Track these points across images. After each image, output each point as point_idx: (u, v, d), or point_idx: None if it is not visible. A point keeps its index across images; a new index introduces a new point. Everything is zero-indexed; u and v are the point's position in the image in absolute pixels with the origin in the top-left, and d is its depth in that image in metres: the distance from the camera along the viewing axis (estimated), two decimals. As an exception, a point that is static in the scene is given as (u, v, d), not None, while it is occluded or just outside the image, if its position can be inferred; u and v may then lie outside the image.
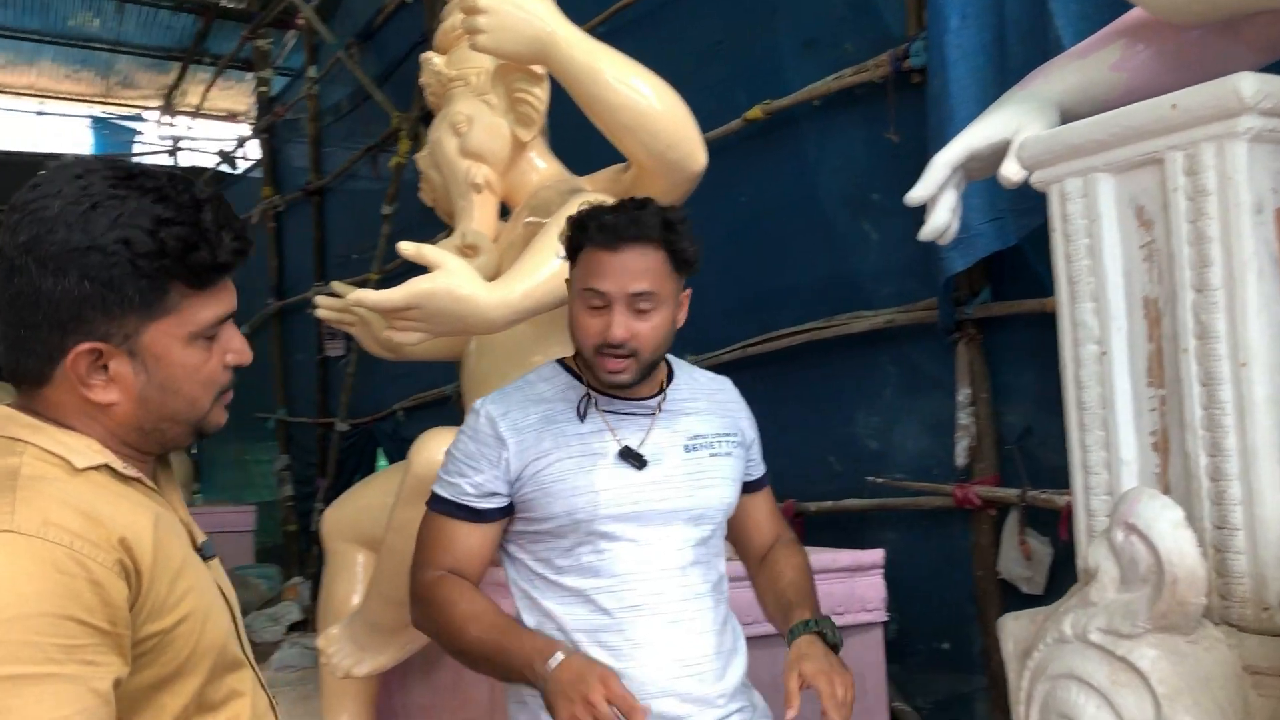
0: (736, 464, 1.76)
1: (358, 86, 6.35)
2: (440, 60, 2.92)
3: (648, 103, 2.40)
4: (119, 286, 1.00)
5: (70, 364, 1.02)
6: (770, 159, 3.58)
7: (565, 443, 1.64)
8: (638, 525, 1.64)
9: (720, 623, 1.70)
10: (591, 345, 1.62)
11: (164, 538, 1.02)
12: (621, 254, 1.60)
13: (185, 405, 1.08)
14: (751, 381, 3.62)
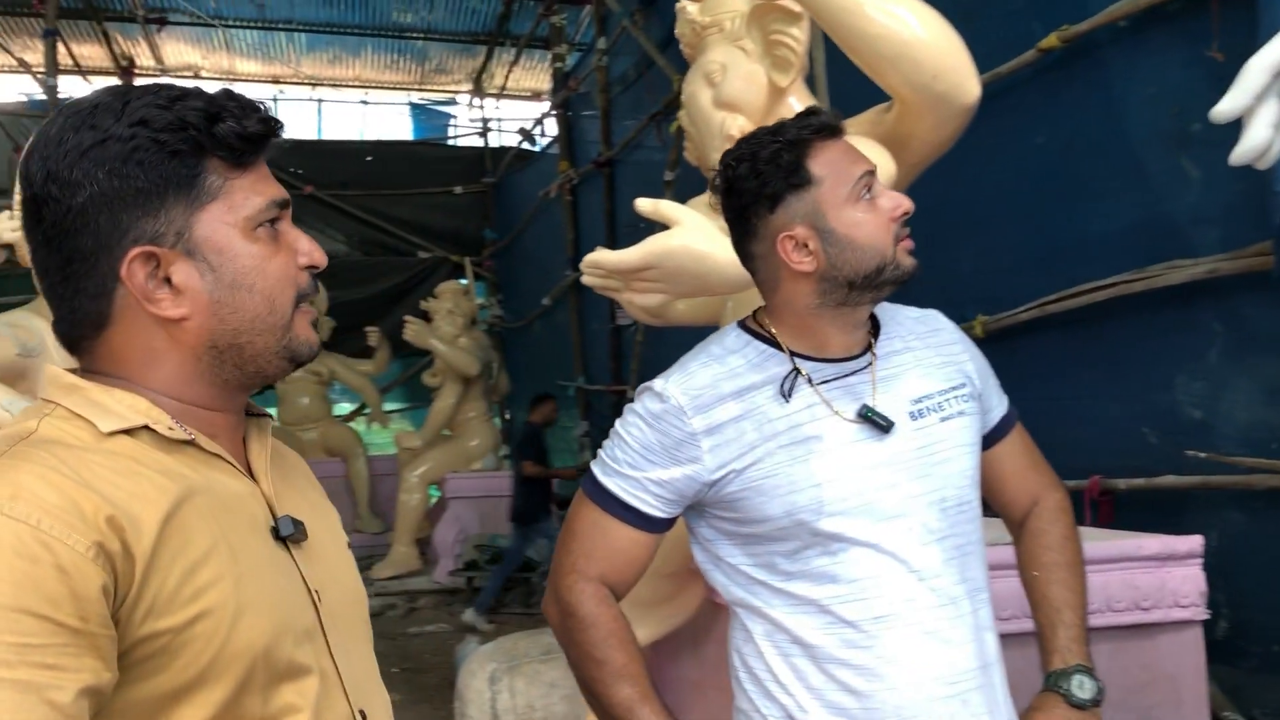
0: (973, 423, 1.46)
1: (643, 54, 6.36)
2: (694, 8, 2.78)
3: (910, 30, 2.15)
4: (149, 170, 0.90)
5: (126, 277, 0.91)
6: (1070, 92, 3.18)
7: (772, 430, 1.37)
8: (870, 521, 1.36)
9: (980, 629, 1.40)
10: (891, 233, 1.37)
11: (188, 518, 0.87)
12: (841, 139, 1.41)
13: (264, 305, 0.95)
14: (1050, 343, 3.31)
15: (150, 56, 10.53)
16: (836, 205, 1.36)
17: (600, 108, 7.33)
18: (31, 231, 0.93)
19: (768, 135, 1.40)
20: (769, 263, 1.42)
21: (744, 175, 1.39)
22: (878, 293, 1.40)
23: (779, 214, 1.38)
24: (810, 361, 1.41)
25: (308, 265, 0.98)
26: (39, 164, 0.90)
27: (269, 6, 9.65)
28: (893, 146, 2.25)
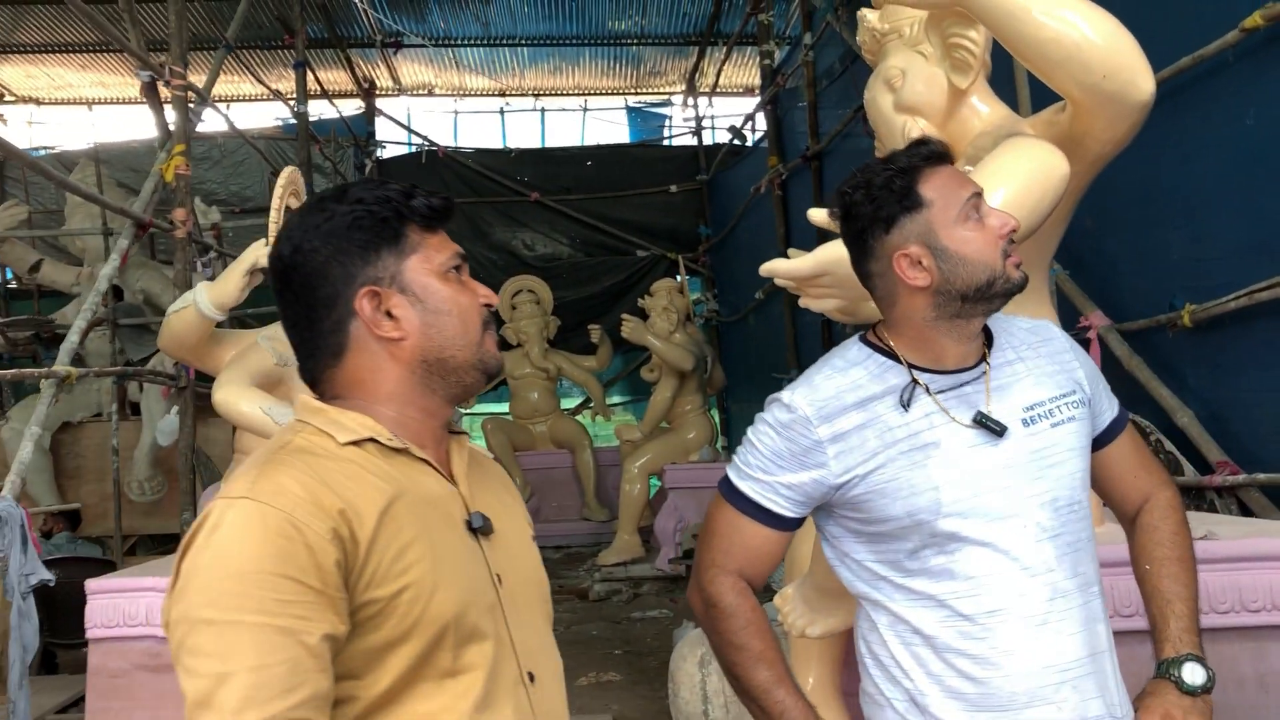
0: (1083, 428, 1.55)
1: (848, 48, 6.39)
2: (874, 16, 2.87)
3: (1080, 33, 2.18)
4: (366, 231, 1.21)
5: (359, 309, 1.20)
6: (1277, 71, 3.06)
7: (893, 438, 1.49)
8: (985, 521, 1.47)
9: (1091, 620, 1.50)
10: (1001, 250, 1.51)
11: (399, 512, 1.13)
12: (946, 165, 1.55)
13: (459, 328, 1.23)
14: (1262, 332, 3.20)
15: (389, 78, 11.35)
16: (947, 225, 1.49)
17: (808, 102, 7.39)
18: (283, 294, 1.24)
19: (880, 164, 1.54)
20: (886, 280, 1.56)
21: (860, 201, 1.54)
22: (989, 305, 1.52)
23: (894, 234, 1.52)
24: (927, 373, 1.53)
25: (486, 303, 1.26)
26: (286, 244, 1.22)
27: (493, 24, 10.22)
28: (1068, 146, 2.29)
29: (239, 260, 3.49)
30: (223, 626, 1.01)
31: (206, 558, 1.05)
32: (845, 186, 1.59)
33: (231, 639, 1.01)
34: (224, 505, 1.08)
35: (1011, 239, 1.53)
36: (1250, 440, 3.30)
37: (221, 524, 1.06)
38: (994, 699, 1.44)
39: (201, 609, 1.03)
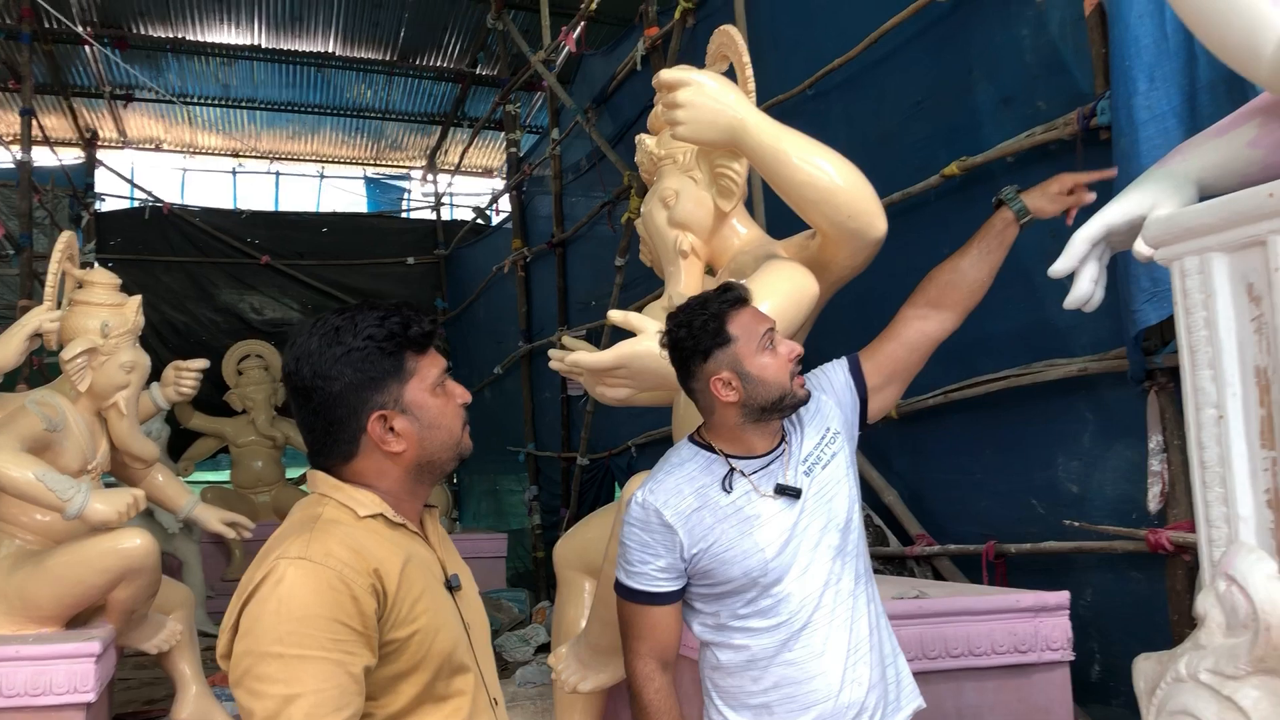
0: (845, 454, 2.03)
1: (595, 146, 6.87)
2: (651, 141, 3.27)
3: (829, 178, 2.63)
4: (377, 365, 1.48)
5: (370, 431, 1.48)
6: (969, 213, 3.69)
7: (723, 514, 1.92)
8: (800, 563, 1.92)
9: (869, 602, 1.98)
10: (790, 373, 1.94)
11: (411, 572, 1.44)
12: (749, 305, 1.98)
13: (447, 434, 1.54)
14: (954, 426, 3.83)
15: (113, 129, 10.86)
16: (750, 355, 1.93)
17: (553, 192, 7.82)
18: (303, 408, 1.49)
19: (698, 307, 1.96)
20: (705, 396, 1.98)
21: (684, 337, 1.97)
22: (784, 413, 1.97)
23: (710, 363, 1.95)
24: (742, 460, 1.97)
25: (463, 403, 1.56)
26: (308, 367, 1.46)
27: (233, 87, 10.06)
28: (816, 269, 2.74)
29: (20, 324, 3.42)
30: (289, 660, 1.28)
31: (272, 605, 1.31)
32: (672, 323, 2.00)
33: (296, 669, 1.28)
34: (285, 564, 1.34)
35: (799, 362, 1.95)
36: (943, 517, 3.91)
37: (284, 579, 1.32)
38: (816, 694, 1.87)
39: (269, 645, 1.28)
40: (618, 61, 6.53)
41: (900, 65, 4.05)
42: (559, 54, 7.62)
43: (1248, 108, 1.91)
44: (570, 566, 3.41)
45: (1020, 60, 3.51)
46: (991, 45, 3.61)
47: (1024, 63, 3.50)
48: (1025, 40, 3.49)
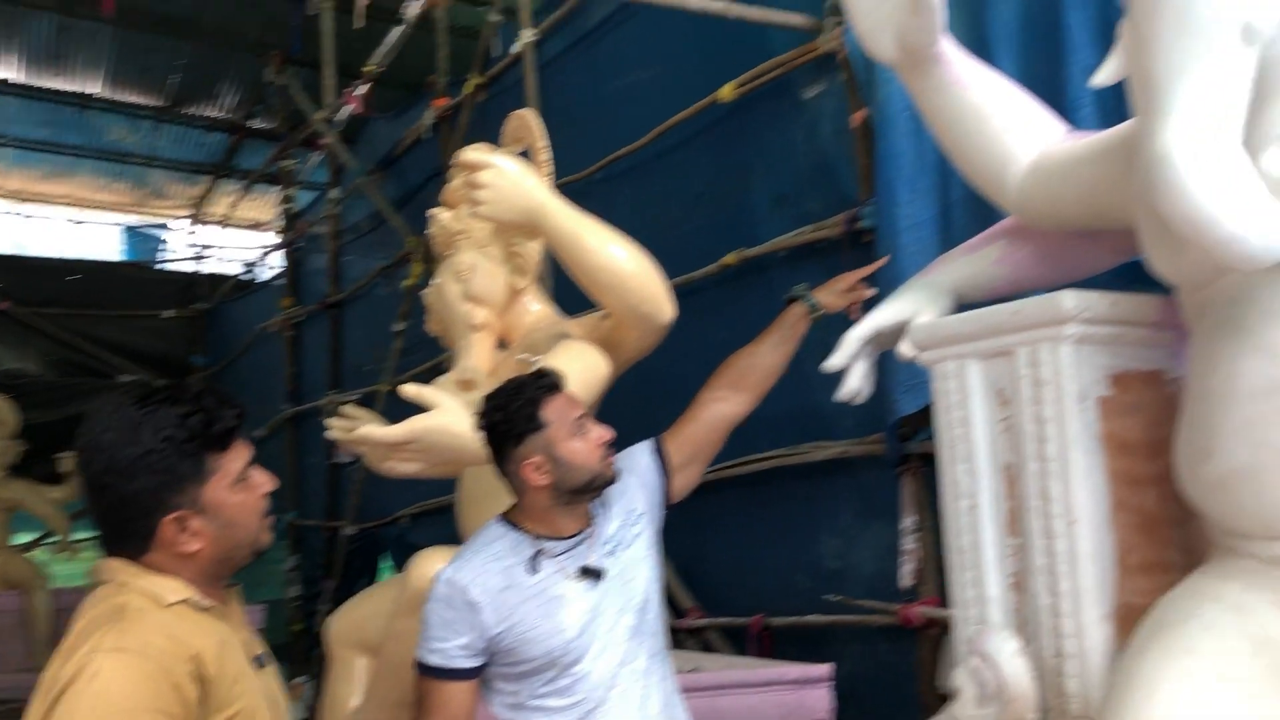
0: (646, 536, 2.11)
1: (377, 209, 6.80)
2: (446, 216, 3.30)
3: (622, 265, 2.75)
4: (175, 469, 1.43)
5: (163, 534, 1.44)
6: (744, 301, 3.95)
7: (528, 595, 1.96)
8: (599, 643, 1.97)
9: (662, 680, 2.05)
10: (600, 456, 1.99)
11: (225, 654, 1.41)
12: (563, 392, 2.04)
13: (244, 532, 1.51)
14: (730, 502, 4.00)
15: None
16: (562, 439, 1.98)
17: (330, 252, 7.66)
18: (94, 500, 1.44)
19: (513, 392, 2.01)
20: (517, 478, 2.02)
21: (499, 421, 2.01)
22: (592, 495, 2.04)
23: (523, 447, 1.99)
24: (549, 541, 2.01)
25: (265, 492, 1.52)
26: (100, 462, 1.41)
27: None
28: (608, 348, 2.84)
29: None
30: None
31: (88, 702, 1.25)
32: (488, 406, 2.03)
33: None
34: (101, 657, 1.28)
35: (610, 445, 2.01)
36: (714, 589, 4.06)
37: (101, 673, 1.27)
38: None
39: None
40: (405, 127, 6.53)
41: (685, 157, 4.27)
42: (342, 114, 7.53)
43: (995, 229, 2.16)
44: (344, 644, 3.32)
45: (794, 163, 3.78)
46: (768, 147, 3.87)
47: (797, 165, 3.77)
48: (799, 145, 3.76)
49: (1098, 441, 1.68)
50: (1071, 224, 1.95)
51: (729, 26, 3.54)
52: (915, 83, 1.98)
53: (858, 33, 1.97)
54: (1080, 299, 1.68)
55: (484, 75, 5.54)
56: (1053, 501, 1.68)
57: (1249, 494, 1.48)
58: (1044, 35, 2.74)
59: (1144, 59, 1.41)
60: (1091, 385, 1.70)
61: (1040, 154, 1.91)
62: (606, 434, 2.03)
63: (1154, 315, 1.76)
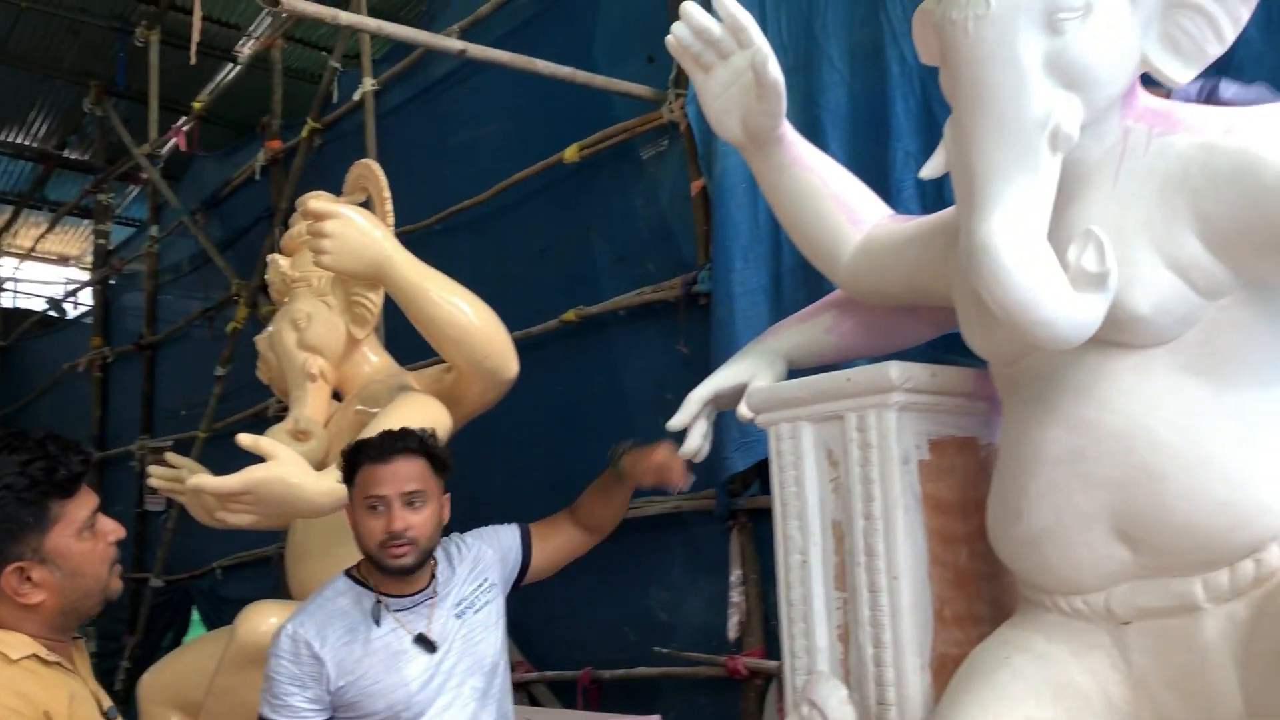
0: (495, 606, 2.15)
1: (200, 249, 6.58)
2: (285, 262, 3.26)
3: (468, 319, 2.78)
4: (16, 517, 1.40)
5: (4, 585, 1.39)
6: (583, 357, 4.03)
7: (371, 648, 1.97)
8: (443, 699, 1.98)
9: None
10: (377, 541, 1.98)
11: (77, 709, 1.37)
12: (392, 464, 2.00)
13: (92, 581, 1.46)
14: (559, 555, 4.02)
15: None
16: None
17: (147, 291, 7.35)
18: None
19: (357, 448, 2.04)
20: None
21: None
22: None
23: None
24: (392, 598, 2.02)
25: (114, 540, 1.48)
26: None
27: None
28: (449, 402, 2.85)
29: None
30: None
31: None
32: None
33: None
34: None
35: (396, 537, 2.04)
36: (543, 644, 4.08)
37: None
38: None
39: None
40: (234, 167, 6.37)
41: (527, 213, 4.34)
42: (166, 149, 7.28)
43: (826, 300, 2.30)
44: (158, 701, 3.17)
45: (635, 225, 3.90)
46: (610, 208, 3.98)
47: (637, 228, 3.90)
48: (639, 209, 3.89)
49: (918, 501, 1.82)
50: (895, 299, 2.10)
51: (574, 89, 3.64)
52: (757, 162, 2.11)
53: (706, 115, 2.08)
54: (904, 370, 1.82)
55: (321, 120, 5.48)
56: (877, 557, 1.80)
57: (1053, 553, 1.64)
58: (872, 121, 2.94)
59: (966, 158, 1.56)
60: (913, 449, 1.83)
61: (867, 234, 2.06)
62: (395, 526, 1.99)
63: (969, 386, 1.92)
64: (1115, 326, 1.51)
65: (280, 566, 4.19)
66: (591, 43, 4.02)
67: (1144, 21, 1.55)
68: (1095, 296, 1.45)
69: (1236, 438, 1.51)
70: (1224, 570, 1.52)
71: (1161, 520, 1.53)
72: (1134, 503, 1.54)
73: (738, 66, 1.99)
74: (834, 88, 3.07)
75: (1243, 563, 1.50)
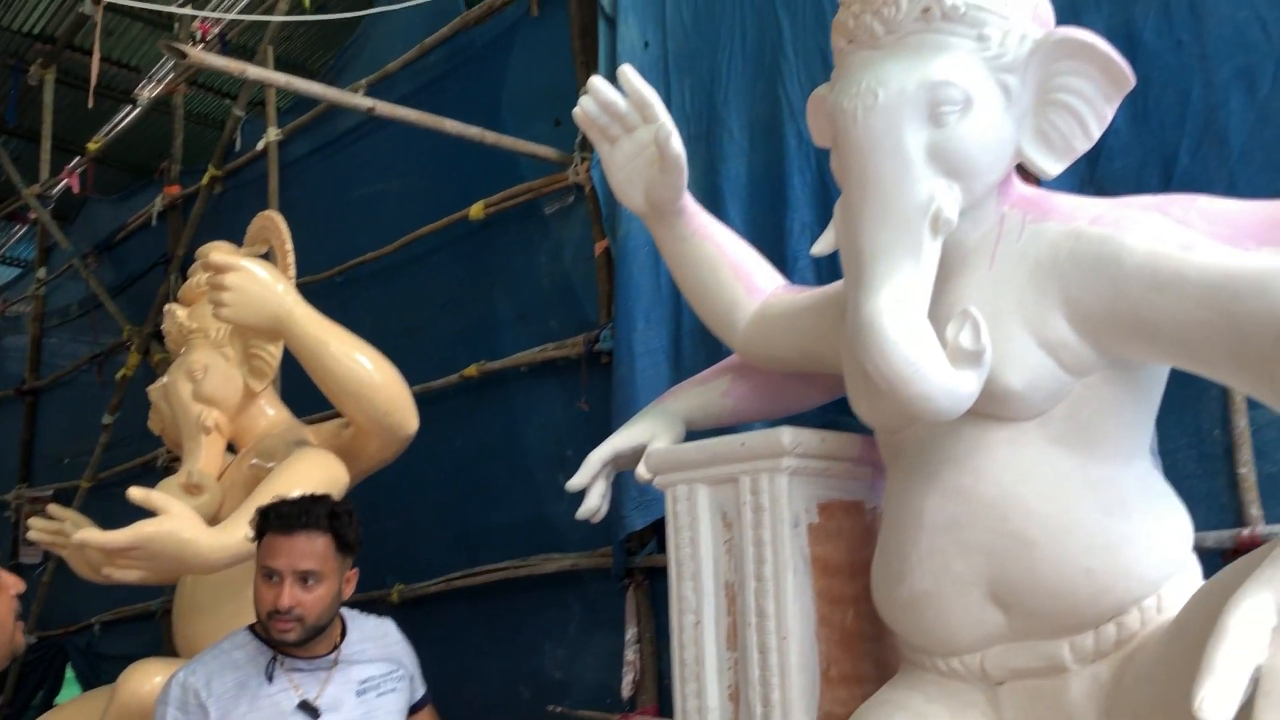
0: (402, 696, 2.16)
1: (90, 292, 6.41)
2: (183, 313, 3.22)
3: (369, 374, 2.78)
4: None
5: None
6: (484, 412, 4.03)
7: (258, 704, 1.98)
8: None
9: None
10: (265, 611, 2.00)
11: None
12: (294, 538, 2.01)
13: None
14: (456, 613, 4.00)
15: None
16: (257, 573, 2.04)
17: (31, 334, 7.11)
18: None
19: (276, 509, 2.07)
20: None
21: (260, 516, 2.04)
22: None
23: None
24: (289, 657, 2.03)
25: (15, 594, 1.38)
26: None
27: None
28: (347, 457, 2.85)
29: None
30: None
31: None
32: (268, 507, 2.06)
33: None
34: None
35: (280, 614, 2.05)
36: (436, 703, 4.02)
37: None
38: None
39: None
40: (130, 211, 6.25)
41: (430, 267, 4.35)
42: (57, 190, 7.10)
43: (723, 364, 2.38)
44: (30, 764, 3.06)
45: (538, 283, 3.94)
46: (514, 265, 4.02)
47: (541, 286, 3.94)
48: (543, 266, 3.93)
49: (806, 563, 1.88)
50: (789, 365, 2.19)
51: (481, 147, 3.68)
52: (659, 231, 2.18)
53: (610, 185, 2.15)
54: (795, 435, 1.89)
55: (223, 168, 5.42)
56: (768, 618, 1.85)
57: (932, 615, 1.71)
58: (770, 192, 3.05)
59: (854, 238, 1.65)
60: (803, 512, 1.90)
61: (763, 303, 2.14)
62: (282, 603, 2.00)
63: (857, 452, 2.00)
64: (990, 400, 1.61)
65: (165, 622, 4.08)
66: (500, 102, 4.08)
67: (1018, 117, 1.66)
68: (971, 372, 1.54)
69: (1101, 508, 1.61)
70: (1089, 633, 1.61)
71: (1032, 585, 1.61)
72: (1007, 568, 1.63)
73: (642, 140, 2.07)
74: (734, 158, 3.17)
75: (1106, 626, 1.60)
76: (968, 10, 1.60)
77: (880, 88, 1.61)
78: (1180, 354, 1.56)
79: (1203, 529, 2.23)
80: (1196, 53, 2.44)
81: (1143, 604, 1.60)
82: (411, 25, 4.33)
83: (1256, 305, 1.38)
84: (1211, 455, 2.37)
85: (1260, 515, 2.27)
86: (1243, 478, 2.30)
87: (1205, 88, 2.42)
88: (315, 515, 2.02)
